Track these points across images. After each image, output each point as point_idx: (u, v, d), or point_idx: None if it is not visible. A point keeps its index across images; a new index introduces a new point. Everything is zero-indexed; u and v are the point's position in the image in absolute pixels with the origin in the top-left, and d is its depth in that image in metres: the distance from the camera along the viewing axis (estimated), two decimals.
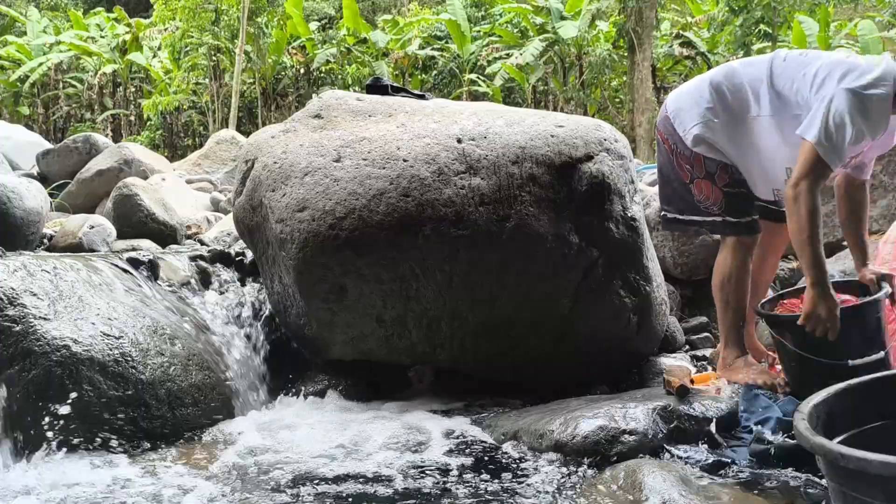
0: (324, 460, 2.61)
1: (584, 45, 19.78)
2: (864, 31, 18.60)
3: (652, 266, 3.33)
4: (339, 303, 3.13)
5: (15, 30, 24.06)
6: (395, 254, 3.00)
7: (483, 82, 20.91)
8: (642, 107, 17.46)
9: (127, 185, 4.47)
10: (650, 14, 17.32)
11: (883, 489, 1.48)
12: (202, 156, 8.36)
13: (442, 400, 3.34)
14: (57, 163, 6.02)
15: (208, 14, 19.61)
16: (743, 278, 2.85)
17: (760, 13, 16.98)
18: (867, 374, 1.99)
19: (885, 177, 4.00)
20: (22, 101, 22.76)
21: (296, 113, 3.69)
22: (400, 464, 2.56)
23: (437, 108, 3.43)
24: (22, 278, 2.78)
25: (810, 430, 1.64)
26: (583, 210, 3.10)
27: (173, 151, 20.95)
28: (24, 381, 2.59)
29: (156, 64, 22.56)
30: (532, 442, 2.65)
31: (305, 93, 21.64)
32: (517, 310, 3.16)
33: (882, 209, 3.93)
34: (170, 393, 2.86)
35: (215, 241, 4.40)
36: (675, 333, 3.58)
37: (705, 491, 2.20)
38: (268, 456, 2.67)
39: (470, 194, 3.00)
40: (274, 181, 3.17)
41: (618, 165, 3.18)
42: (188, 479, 2.45)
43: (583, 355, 3.29)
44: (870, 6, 20.44)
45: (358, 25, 21.79)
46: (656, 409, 2.57)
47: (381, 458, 2.62)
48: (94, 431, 2.65)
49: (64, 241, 4.02)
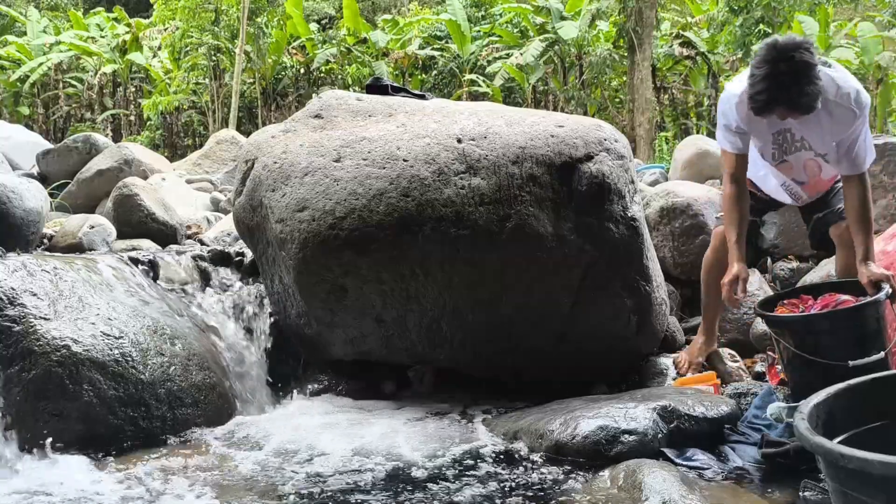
0: (323, 460, 2.62)
1: (585, 45, 19.76)
2: (864, 32, 18.61)
3: (652, 266, 3.33)
4: (338, 303, 3.13)
5: (15, 30, 24.04)
6: (395, 254, 3.00)
7: (483, 82, 20.89)
8: (642, 107, 17.43)
9: (127, 185, 4.47)
10: (650, 14, 17.29)
11: (883, 489, 1.48)
12: (202, 156, 8.36)
13: (442, 400, 3.34)
14: (57, 163, 6.00)
15: (208, 14, 19.59)
16: (721, 272, 2.94)
17: (760, 13, 16.96)
18: (867, 375, 1.99)
19: (884, 177, 4.00)
20: (22, 101, 22.73)
21: (296, 113, 3.68)
22: (400, 463, 2.56)
23: (437, 108, 3.43)
24: (22, 278, 2.78)
25: (810, 430, 1.64)
26: (583, 210, 3.10)
27: (173, 151, 20.92)
28: (24, 381, 2.59)
29: (156, 64, 22.54)
30: (532, 442, 2.65)
31: (305, 93, 21.62)
32: (517, 310, 3.15)
33: (881, 209, 3.93)
34: (170, 393, 2.86)
35: (215, 241, 4.39)
36: (675, 333, 3.58)
37: (705, 491, 2.20)
38: (268, 456, 2.68)
39: (470, 194, 2.99)
40: (274, 181, 3.17)
41: (618, 165, 3.18)
42: (188, 479, 2.45)
43: (583, 355, 3.29)
44: (870, 6, 20.43)
45: (358, 25, 21.77)
46: (656, 409, 2.57)
47: (381, 457, 2.62)
48: (94, 431, 2.66)
49: (64, 241, 4.02)
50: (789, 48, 2.53)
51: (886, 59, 18.00)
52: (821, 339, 2.63)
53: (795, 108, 2.58)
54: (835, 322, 2.64)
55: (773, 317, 2.79)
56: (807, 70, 2.51)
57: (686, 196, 3.99)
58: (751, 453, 2.46)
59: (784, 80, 2.52)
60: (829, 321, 2.65)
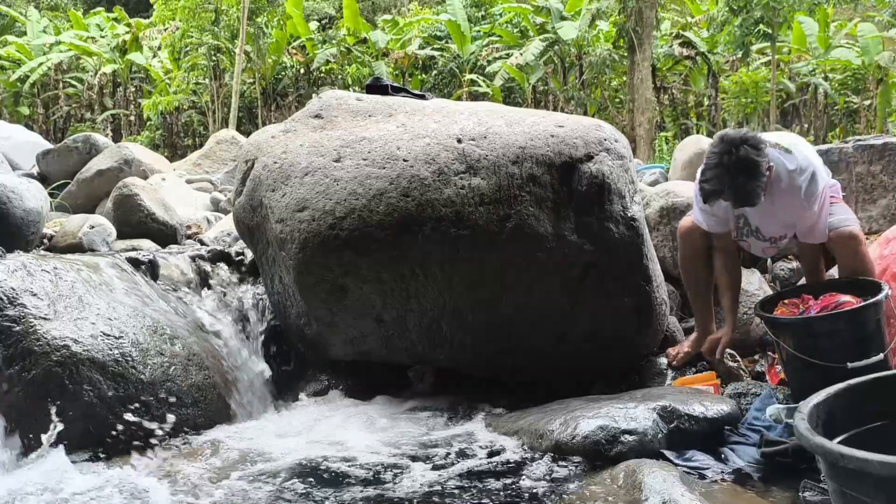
0: (323, 459, 2.62)
1: (584, 45, 19.76)
2: (864, 32, 18.62)
3: (652, 266, 3.33)
4: (338, 303, 3.13)
5: (15, 30, 24.04)
6: (395, 254, 3.00)
7: (483, 82, 20.90)
8: (642, 107, 17.44)
9: (127, 185, 4.47)
10: (650, 14, 17.30)
11: (883, 489, 1.48)
12: (202, 156, 8.36)
13: (441, 400, 3.34)
14: (57, 163, 6.00)
15: (208, 14, 19.59)
16: (695, 263, 3.18)
17: (760, 13, 16.97)
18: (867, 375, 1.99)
19: (885, 177, 4.00)
20: (22, 101, 22.74)
21: (296, 113, 3.68)
22: (400, 463, 2.56)
23: (437, 108, 3.43)
24: (22, 278, 2.78)
25: (810, 430, 1.64)
26: (583, 210, 3.10)
27: (173, 151, 20.93)
28: (24, 381, 2.59)
29: (156, 64, 22.55)
30: (532, 442, 2.65)
31: (305, 93, 21.63)
32: (517, 310, 3.16)
33: (882, 209, 3.93)
34: (170, 393, 2.86)
35: (215, 241, 4.39)
36: (675, 333, 3.58)
37: (705, 491, 2.20)
38: (268, 455, 2.68)
39: (470, 194, 3.00)
40: (274, 181, 3.17)
41: (618, 165, 3.18)
42: (188, 479, 2.45)
43: (583, 355, 3.29)
44: (870, 6, 20.44)
45: (358, 25, 21.77)
46: (656, 409, 2.57)
47: (381, 457, 2.62)
48: (93, 431, 2.65)
49: (64, 241, 4.01)
50: (735, 142, 2.67)
51: (886, 59, 18.00)
52: (820, 341, 2.62)
53: (735, 200, 2.75)
54: (834, 324, 2.64)
55: (773, 318, 2.79)
56: (749, 166, 2.64)
57: (686, 196, 3.98)
58: (751, 454, 2.46)
59: (728, 172, 2.66)
60: (829, 323, 2.65)
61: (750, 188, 2.67)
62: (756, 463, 2.41)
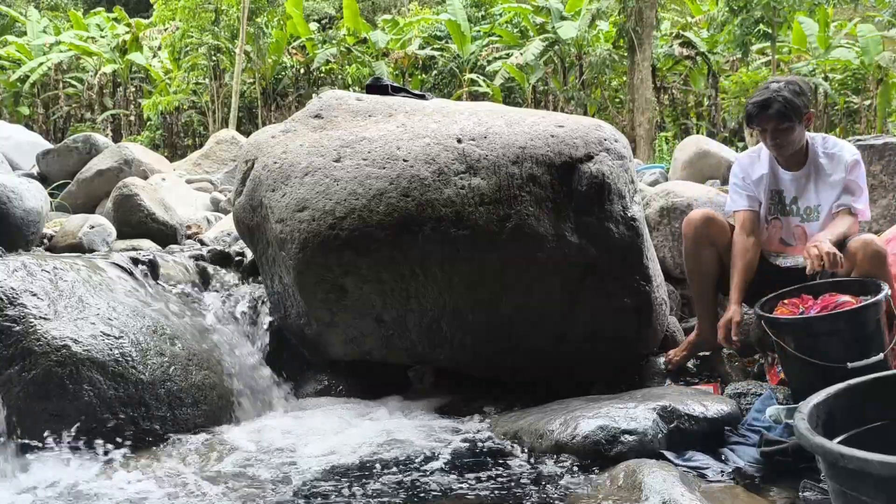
0: (324, 459, 2.62)
1: (584, 45, 19.78)
2: (864, 32, 18.62)
3: (652, 266, 3.33)
4: (338, 303, 3.13)
5: (15, 30, 24.05)
6: (395, 254, 3.00)
7: (483, 82, 20.91)
8: (642, 107, 17.44)
9: (127, 185, 4.47)
10: (650, 14, 17.30)
11: (883, 489, 1.48)
12: (202, 156, 8.37)
13: (442, 400, 3.34)
14: (57, 163, 6.01)
15: (208, 14, 19.60)
16: (702, 254, 3.20)
17: (760, 13, 16.98)
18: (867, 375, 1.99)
19: (885, 177, 4.00)
20: (22, 101, 22.75)
21: (296, 113, 3.68)
22: (400, 464, 2.56)
23: (437, 108, 3.43)
24: (22, 278, 2.78)
25: (810, 430, 1.64)
26: (583, 210, 3.10)
27: (173, 151, 20.94)
28: (24, 381, 2.59)
29: (156, 64, 22.56)
30: (532, 442, 2.65)
31: (305, 93, 21.64)
32: (517, 310, 3.16)
33: (882, 209, 3.93)
34: (170, 393, 2.86)
35: (215, 241, 4.39)
36: (675, 333, 3.58)
37: (705, 491, 2.20)
38: (269, 455, 2.68)
39: (470, 194, 3.00)
40: (274, 181, 3.17)
41: (618, 165, 3.18)
42: (189, 479, 2.45)
43: (583, 355, 3.29)
44: (870, 6, 20.45)
45: (358, 25, 21.78)
46: (656, 409, 2.57)
47: (381, 457, 2.62)
48: (93, 431, 2.65)
49: (64, 241, 4.02)
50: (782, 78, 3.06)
51: (886, 59, 18.01)
52: (820, 341, 2.62)
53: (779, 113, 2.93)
54: (834, 324, 2.64)
55: (773, 318, 2.79)
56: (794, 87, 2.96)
57: (686, 196, 3.99)
58: (751, 454, 2.46)
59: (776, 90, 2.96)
60: (829, 323, 2.65)
61: (793, 105, 2.92)
62: (756, 463, 2.41)
